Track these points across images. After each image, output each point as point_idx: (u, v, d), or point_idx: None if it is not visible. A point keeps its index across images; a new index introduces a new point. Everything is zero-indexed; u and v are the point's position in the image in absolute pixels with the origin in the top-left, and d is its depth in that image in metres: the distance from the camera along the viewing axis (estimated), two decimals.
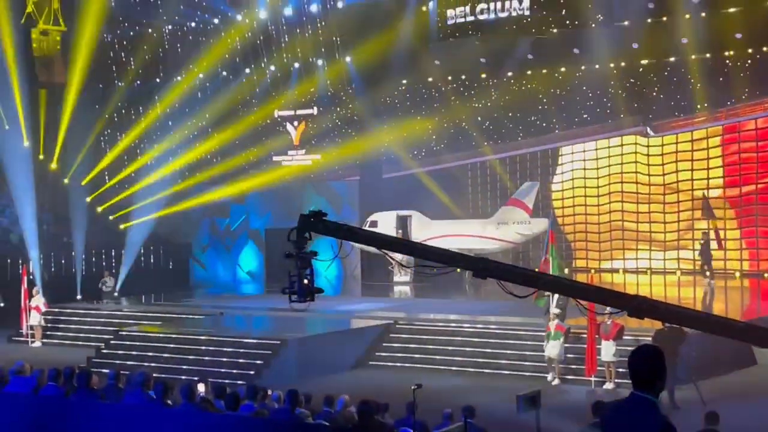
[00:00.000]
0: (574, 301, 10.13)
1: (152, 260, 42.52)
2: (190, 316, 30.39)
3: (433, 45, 39.89)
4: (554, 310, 22.75)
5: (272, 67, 43.54)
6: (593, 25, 36.70)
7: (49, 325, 30.94)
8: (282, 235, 11.49)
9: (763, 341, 10.21)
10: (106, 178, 43.96)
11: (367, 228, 34.26)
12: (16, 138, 39.78)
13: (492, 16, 37.32)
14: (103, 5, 39.81)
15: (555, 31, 37.07)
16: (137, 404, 11.44)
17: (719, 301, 30.30)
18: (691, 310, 10.07)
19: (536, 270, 19.88)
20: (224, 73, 43.95)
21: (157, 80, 44.67)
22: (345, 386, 19.75)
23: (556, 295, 22.82)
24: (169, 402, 12.12)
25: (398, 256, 11.47)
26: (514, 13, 36.89)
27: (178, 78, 43.87)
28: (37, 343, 30.11)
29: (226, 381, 20.04)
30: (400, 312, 29.13)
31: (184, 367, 24.06)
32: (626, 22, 36.93)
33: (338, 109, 43.40)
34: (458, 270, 10.41)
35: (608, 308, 17.97)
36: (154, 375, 13.48)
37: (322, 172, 43.84)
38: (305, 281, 9.81)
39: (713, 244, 33.03)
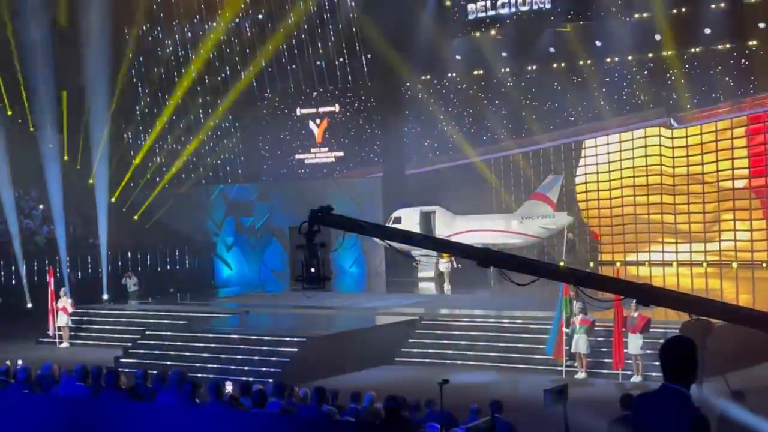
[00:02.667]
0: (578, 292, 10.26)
1: (177, 259, 42.67)
2: (216, 315, 30.48)
3: (454, 39, 39.87)
4: (577, 304, 22.64)
5: (293, 65, 43.63)
6: (615, 17, 36.56)
7: (76, 326, 31.10)
8: None
9: None
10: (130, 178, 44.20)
11: (390, 225, 34.25)
12: (42, 141, 40.07)
13: (512, 9, 37.25)
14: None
15: (576, 23, 36.99)
16: (166, 403, 11.48)
17: (746, 292, 30.04)
18: (696, 297, 9.95)
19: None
20: (246, 69, 44.02)
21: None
22: (371, 382, 19.74)
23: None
24: (197, 400, 12.16)
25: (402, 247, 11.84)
26: (534, 6, 36.85)
27: (200, 74, 43.97)
28: (65, 344, 30.26)
29: (253, 378, 20.11)
30: (426, 308, 29.07)
31: (211, 365, 24.12)
32: (648, 14, 36.78)
33: (360, 105, 43.41)
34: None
35: (634, 301, 17.88)
36: None
37: (344, 170, 43.86)
38: (313, 269, 10.55)
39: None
